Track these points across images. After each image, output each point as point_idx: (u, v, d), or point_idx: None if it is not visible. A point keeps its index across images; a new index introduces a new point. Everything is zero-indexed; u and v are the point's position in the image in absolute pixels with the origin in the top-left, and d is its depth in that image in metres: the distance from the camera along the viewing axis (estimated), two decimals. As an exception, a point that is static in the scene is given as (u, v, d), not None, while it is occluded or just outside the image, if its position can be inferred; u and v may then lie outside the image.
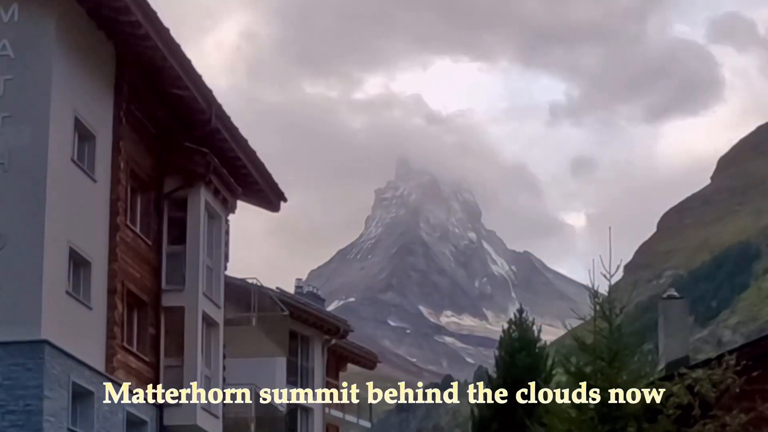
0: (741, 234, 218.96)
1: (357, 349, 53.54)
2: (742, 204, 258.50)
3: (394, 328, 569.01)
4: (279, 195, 36.06)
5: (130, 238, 28.43)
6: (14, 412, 23.31)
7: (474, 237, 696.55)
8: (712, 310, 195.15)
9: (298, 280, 55.33)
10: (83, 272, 25.81)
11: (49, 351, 23.66)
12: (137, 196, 29.53)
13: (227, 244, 33.53)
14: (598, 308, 16.89)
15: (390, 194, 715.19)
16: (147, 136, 29.91)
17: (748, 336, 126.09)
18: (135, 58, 27.79)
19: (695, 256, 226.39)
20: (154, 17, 26.43)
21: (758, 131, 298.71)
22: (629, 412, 16.16)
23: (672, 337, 22.97)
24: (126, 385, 27.20)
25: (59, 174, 24.71)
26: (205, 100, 30.18)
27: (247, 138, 32.93)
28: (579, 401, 16.56)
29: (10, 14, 24.67)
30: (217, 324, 31.83)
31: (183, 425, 29.64)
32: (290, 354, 42.56)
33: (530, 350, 35.40)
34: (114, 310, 26.86)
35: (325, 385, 47.97)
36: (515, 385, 34.22)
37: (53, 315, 23.93)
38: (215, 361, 31.73)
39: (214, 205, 31.79)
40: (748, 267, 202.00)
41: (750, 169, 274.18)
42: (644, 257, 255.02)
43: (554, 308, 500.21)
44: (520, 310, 37.45)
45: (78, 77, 25.83)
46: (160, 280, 30.15)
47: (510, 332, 36.47)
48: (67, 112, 25.29)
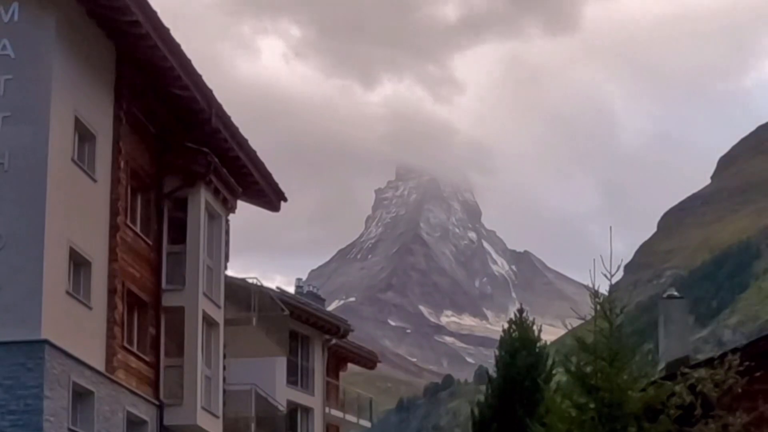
0: (741, 234, 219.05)
1: (357, 349, 53.54)
2: (742, 204, 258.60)
3: (395, 328, 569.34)
4: (279, 194, 36.07)
5: (130, 238, 28.43)
6: (14, 411, 23.29)
7: (474, 237, 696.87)
8: (713, 309, 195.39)
9: (298, 280, 55.36)
10: (83, 272, 25.80)
11: (50, 351, 23.65)
12: (137, 196, 29.52)
13: (227, 244, 33.54)
14: (599, 308, 16.86)
15: (390, 194, 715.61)
16: (147, 136, 29.90)
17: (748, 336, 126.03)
18: (135, 58, 27.78)
19: (695, 256, 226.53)
20: (154, 17, 26.43)
21: (758, 131, 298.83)
22: (630, 411, 16.14)
23: (672, 337, 22.96)
24: (126, 384, 27.21)
25: (59, 174, 24.69)
26: (205, 99, 30.16)
27: (247, 137, 32.97)
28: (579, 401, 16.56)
29: (10, 14, 24.65)
30: (218, 324, 31.84)
31: (183, 425, 29.64)
32: (290, 354, 42.52)
33: (530, 350, 35.43)
34: (114, 310, 26.86)
35: (325, 385, 47.99)
36: (515, 385, 34.26)
37: (53, 315, 23.92)
38: (215, 361, 31.74)
39: (214, 204, 31.79)
40: (748, 267, 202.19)
41: (750, 169, 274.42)
42: (644, 257, 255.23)
43: (554, 308, 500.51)
44: (520, 310, 37.46)
45: (78, 77, 25.81)
46: (161, 279, 30.15)
47: (510, 332, 36.50)
48: (67, 112, 25.28)
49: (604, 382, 16.30)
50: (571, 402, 16.75)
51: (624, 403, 16.15)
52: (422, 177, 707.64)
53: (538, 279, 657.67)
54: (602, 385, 16.30)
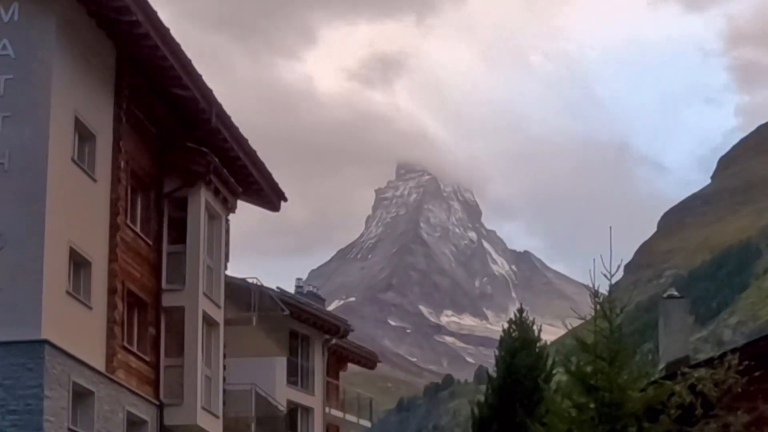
0: (741, 234, 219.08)
1: (357, 349, 53.52)
2: (743, 204, 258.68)
3: (395, 328, 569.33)
4: (279, 194, 36.05)
5: (130, 238, 28.42)
6: (15, 411, 23.29)
7: (474, 237, 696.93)
8: (713, 309, 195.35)
9: (299, 280, 55.30)
10: (83, 272, 25.79)
11: (50, 351, 23.64)
12: (137, 196, 29.51)
13: (227, 244, 33.54)
14: (599, 308, 16.88)
15: (390, 194, 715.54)
16: (147, 135, 29.89)
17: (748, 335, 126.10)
18: (135, 57, 27.78)
19: (695, 256, 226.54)
20: (155, 17, 26.42)
21: (758, 131, 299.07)
22: (630, 411, 16.14)
23: (672, 337, 22.98)
24: (126, 384, 27.20)
25: (59, 174, 24.68)
26: (206, 99, 30.16)
27: (247, 138, 32.97)
28: (579, 401, 16.56)
29: (10, 14, 24.63)
30: (218, 324, 31.83)
31: (183, 425, 29.62)
32: (290, 354, 42.50)
33: (530, 350, 35.42)
34: (114, 310, 26.85)
35: (325, 385, 47.97)
36: (515, 385, 34.26)
37: (53, 315, 23.91)
38: (215, 361, 31.72)
39: (214, 204, 31.78)
40: (749, 267, 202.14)
41: (750, 169, 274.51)
42: (644, 257, 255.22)
43: (554, 308, 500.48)
44: (520, 310, 37.46)
45: (78, 77, 25.80)
46: (161, 279, 30.13)
47: (510, 332, 36.50)
48: (68, 112, 25.27)
49: (604, 382, 16.31)
50: (571, 402, 16.76)
51: (624, 403, 16.16)
52: (422, 177, 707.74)
53: (538, 279, 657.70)
54: (602, 385, 16.30)
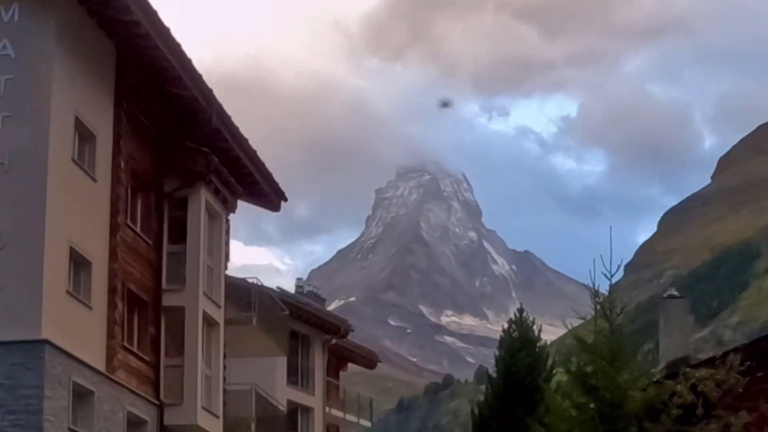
0: (741, 234, 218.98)
1: (357, 349, 53.54)
2: (742, 204, 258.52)
3: (395, 328, 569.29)
4: (280, 194, 36.06)
5: (130, 238, 28.42)
6: (15, 411, 23.28)
7: (474, 237, 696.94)
8: (713, 309, 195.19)
9: (299, 280, 55.38)
10: (83, 272, 25.79)
11: (50, 351, 23.63)
12: (138, 196, 29.51)
13: (228, 244, 33.54)
14: (599, 308, 16.88)
15: (390, 194, 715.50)
16: (147, 135, 29.89)
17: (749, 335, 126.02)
18: (135, 57, 27.77)
19: (695, 256, 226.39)
20: (155, 17, 26.41)
21: (758, 131, 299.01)
22: (630, 411, 16.13)
23: (672, 337, 22.99)
24: (126, 384, 27.20)
25: (59, 174, 24.68)
26: (206, 99, 30.16)
27: (247, 137, 32.96)
28: (579, 401, 16.56)
29: (10, 14, 24.62)
30: (218, 324, 31.83)
31: (183, 425, 29.63)
32: (290, 354, 42.51)
33: (530, 350, 35.42)
34: (114, 310, 26.85)
35: (325, 385, 47.97)
36: (515, 385, 34.26)
37: (53, 315, 23.91)
38: (215, 360, 31.73)
39: (214, 204, 31.78)
40: (749, 267, 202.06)
41: (750, 169, 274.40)
42: (645, 257, 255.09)
43: (555, 308, 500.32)
44: (520, 310, 37.45)
45: (78, 77, 25.80)
46: (161, 279, 30.14)
47: (510, 332, 36.49)
48: (68, 112, 25.26)
49: (604, 381, 16.31)
50: (571, 402, 16.77)
51: (624, 403, 16.16)
52: (422, 177, 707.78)
53: (538, 279, 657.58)
54: (602, 385, 16.30)
